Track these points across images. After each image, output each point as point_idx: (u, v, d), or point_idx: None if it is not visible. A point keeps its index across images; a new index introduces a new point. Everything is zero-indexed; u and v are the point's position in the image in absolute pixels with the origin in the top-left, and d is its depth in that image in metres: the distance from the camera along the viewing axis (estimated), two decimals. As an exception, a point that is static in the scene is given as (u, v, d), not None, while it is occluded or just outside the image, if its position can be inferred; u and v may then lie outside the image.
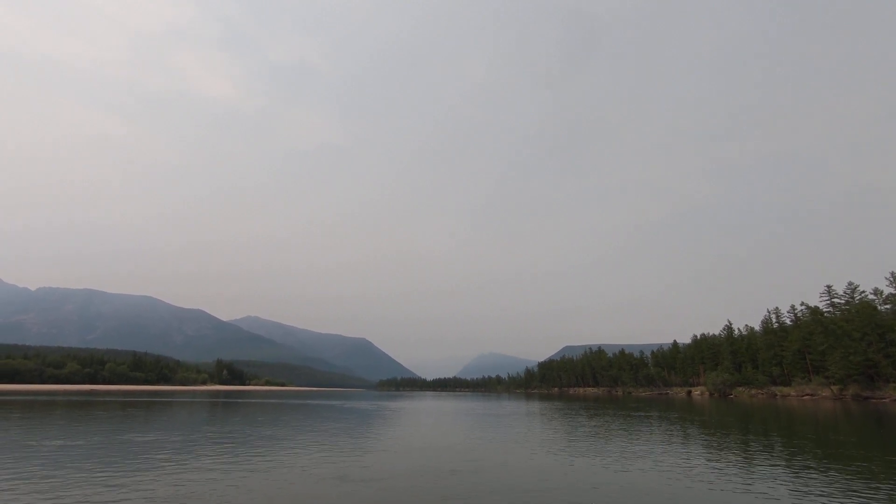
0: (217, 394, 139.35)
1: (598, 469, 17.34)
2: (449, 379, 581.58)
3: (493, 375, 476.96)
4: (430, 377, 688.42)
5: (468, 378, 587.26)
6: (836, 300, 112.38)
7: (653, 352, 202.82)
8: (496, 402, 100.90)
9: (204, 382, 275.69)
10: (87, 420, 37.03)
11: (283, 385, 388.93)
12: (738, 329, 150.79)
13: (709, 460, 19.41)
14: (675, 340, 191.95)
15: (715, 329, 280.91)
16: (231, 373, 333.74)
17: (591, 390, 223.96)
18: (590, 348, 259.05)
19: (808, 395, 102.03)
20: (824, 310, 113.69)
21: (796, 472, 16.68)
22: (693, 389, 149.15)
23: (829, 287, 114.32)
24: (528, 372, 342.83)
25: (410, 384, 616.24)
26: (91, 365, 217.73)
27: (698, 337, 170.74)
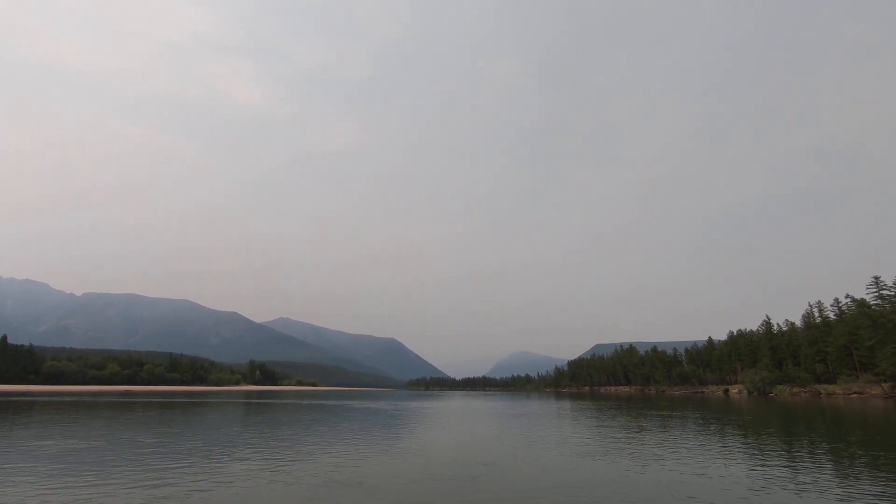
0: (249, 394, 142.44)
1: (630, 472, 16.62)
2: (478, 378, 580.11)
3: (523, 374, 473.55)
4: (459, 377, 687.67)
5: (497, 377, 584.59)
6: (884, 292, 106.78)
7: (687, 349, 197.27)
8: (525, 401, 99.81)
9: (237, 383, 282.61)
10: (111, 421, 38.15)
11: (313, 385, 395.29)
12: (778, 324, 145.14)
13: (750, 465, 18.40)
14: (709, 337, 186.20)
15: (751, 325, 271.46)
16: (264, 373, 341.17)
17: (622, 389, 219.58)
18: (620, 346, 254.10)
19: (855, 393, 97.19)
20: (872, 302, 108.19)
21: (844, 478, 15.59)
22: (730, 388, 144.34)
23: (876, 278, 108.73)
24: (558, 370, 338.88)
25: (440, 384, 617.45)
26: (130, 366, 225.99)
27: (734, 333, 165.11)
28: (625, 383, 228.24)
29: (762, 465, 18.10)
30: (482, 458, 19.76)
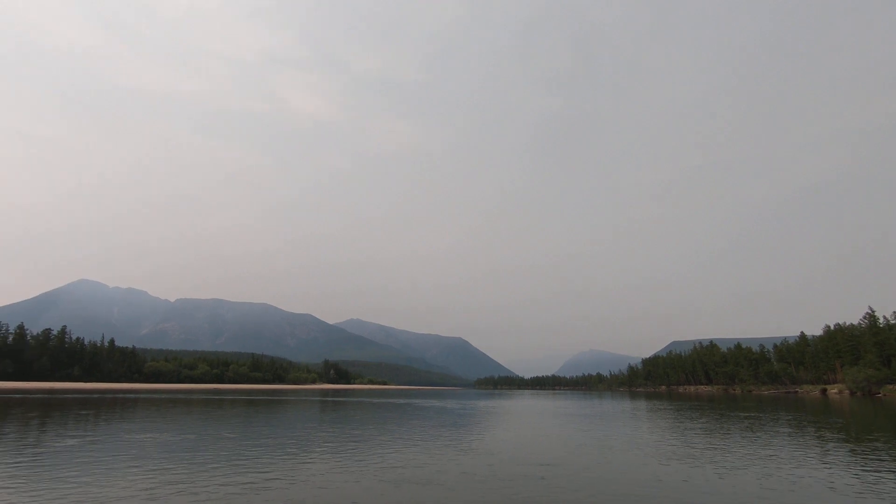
0: (324, 392, 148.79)
1: (710, 477, 15.53)
2: (547, 377, 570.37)
3: (594, 373, 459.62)
4: (527, 375, 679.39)
5: (567, 376, 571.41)
6: None
7: (776, 345, 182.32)
8: (596, 400, 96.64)
9: (313, 381, 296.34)
10: (200, 417, 41.11)
11: (384, 384, 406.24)
12: (884, 317, 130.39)
13: (854, 473, 16.61)
14: (801, 332, 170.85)
15: (849, 318, 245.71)
16: (337, 372, 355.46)
17: (703, 388, 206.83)
18: (700, 343, 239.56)
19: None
20: None
21: (976, 491, 13.62)
22: (829, 388, 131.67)
23: None
24: (632, 369, 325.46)
25: (508, 382, 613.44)
26: (218, 366, 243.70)
27: (831, 327, 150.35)
28: (705, 382, 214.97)
29: (869, 474, 16.27)
30: (550, 459, 19.29)
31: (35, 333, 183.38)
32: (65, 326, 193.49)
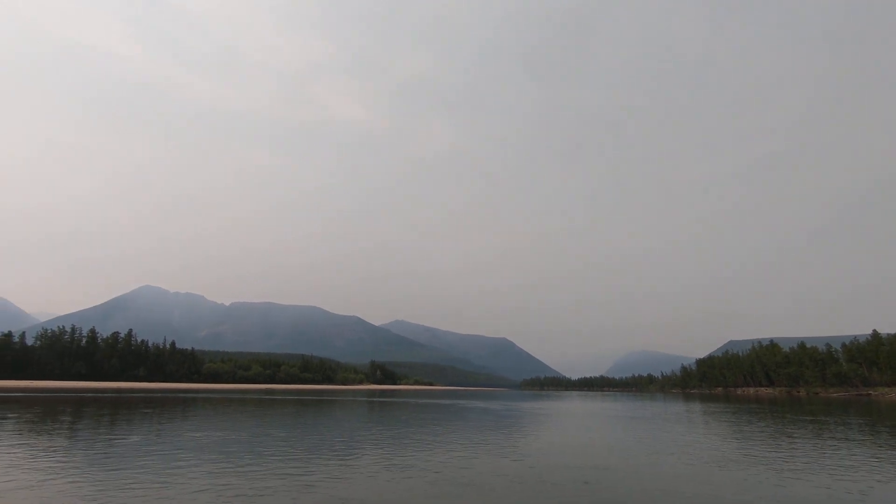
0: (372, 393, 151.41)
1: (767, 484, 14.66)
2: (595, 378, 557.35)
3: (645, 374, 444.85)
4: (574, 376, 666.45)
5: (616, 377, 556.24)
6: None
7: (844, 345, 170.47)
8: (647, 402, 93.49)
9: (361, 382, 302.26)
10: (253, 417, 42.67)
11: (430, 385, 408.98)
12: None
13: (934, 483, 15.23)
14: (874, 330, 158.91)
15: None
16: (384, 373, 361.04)
17: (763, 391, 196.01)
18: (759, 342, 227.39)
19: None
20: None
21: None
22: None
23: None
24: (685, 370, 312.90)
25: (554, 383, 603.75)
26: (270, 367, 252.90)
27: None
28: (766, 384, 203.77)
29: (952, 485, 14.87)
30: (596, 463, 18.79)
31: (105, 337, 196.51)
32: (131, 330, 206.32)
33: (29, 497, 12.00)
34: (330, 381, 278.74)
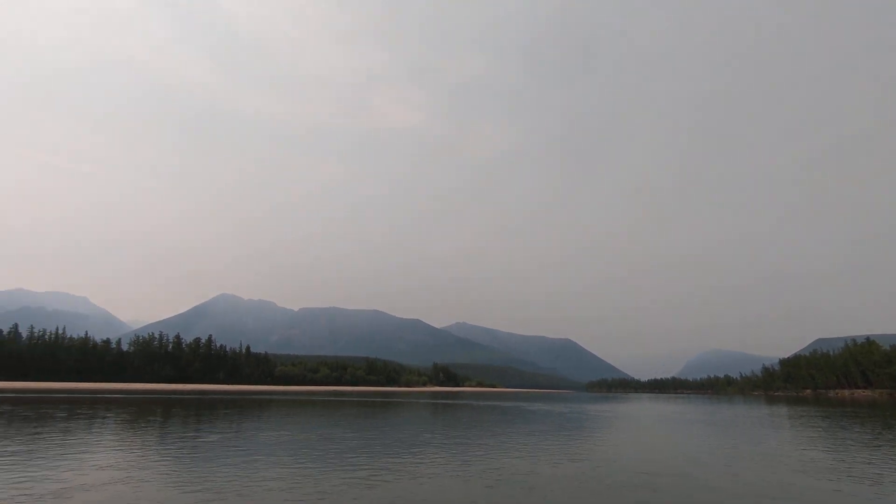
0: (435, 394, 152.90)
1: (862, 498, 13.30)
2: (666, 380, 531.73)
3: (721, 375, 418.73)
4: (643, 377, 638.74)
5: (689, 378, 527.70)
6: None
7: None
8: (725, 406, 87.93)
9: (424, 384, 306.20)
10: (320, 418, 44.24)
11: (493, 386, 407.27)
12: None
13: None
14: None
15: None
16: (446, 375, 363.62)
17: (861, 393, 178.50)
18: (852, 340, 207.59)
19: None
20: None
21: None
22: None
23: None
24: (767, 370, 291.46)
25: (622, 385, 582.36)
26: (337, 370, 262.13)
27: None
28: (863, 385, 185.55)
29: None
30: (666, 470, 17.88)
31: (188, 342, 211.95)
32: (210, 336, 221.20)
33: (120, 489, 13.14)
34: (394, 382, 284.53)
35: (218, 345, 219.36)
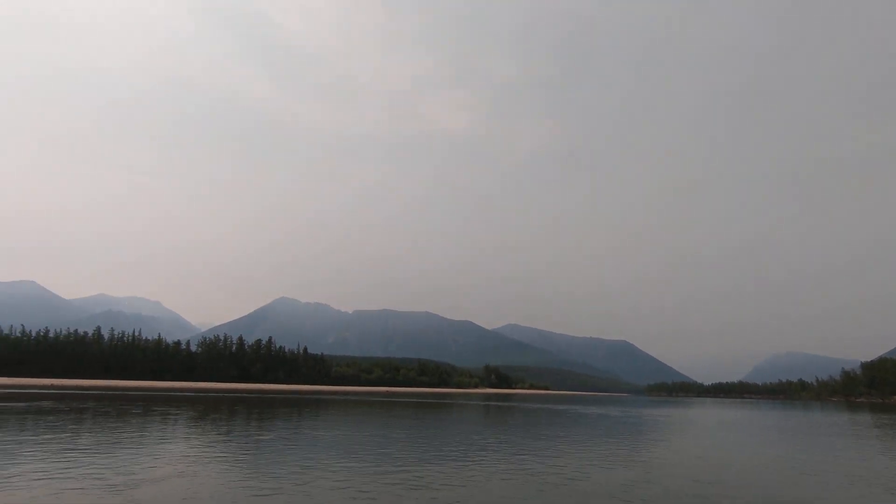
0: (487, 396, 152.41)
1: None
2: (732, 384, 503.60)
3: (795, 379, 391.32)
4: (707, 381, 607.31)
5: (758, 382, 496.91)
6: None
7: None
8: (800, 412, 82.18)
9: (475, 386, 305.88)
10: (373, 417, 45.10)
11: (545, 389, 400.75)
12: None
13: None
14: None
15: None
16: (498, 377, 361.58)
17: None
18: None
19: None
20: None
21: None
22: None
23: None
24: (848, 375, 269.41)
25: (684, 389, 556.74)
26: (390, 371, 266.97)
27: None
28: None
29: None
30: (722, 477, 16.96)
31: (250, 344, 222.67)
32: (270, 338, 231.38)
33: (186, 482, 14.02)
34: (445, 384, 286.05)
35: (277, 346, 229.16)
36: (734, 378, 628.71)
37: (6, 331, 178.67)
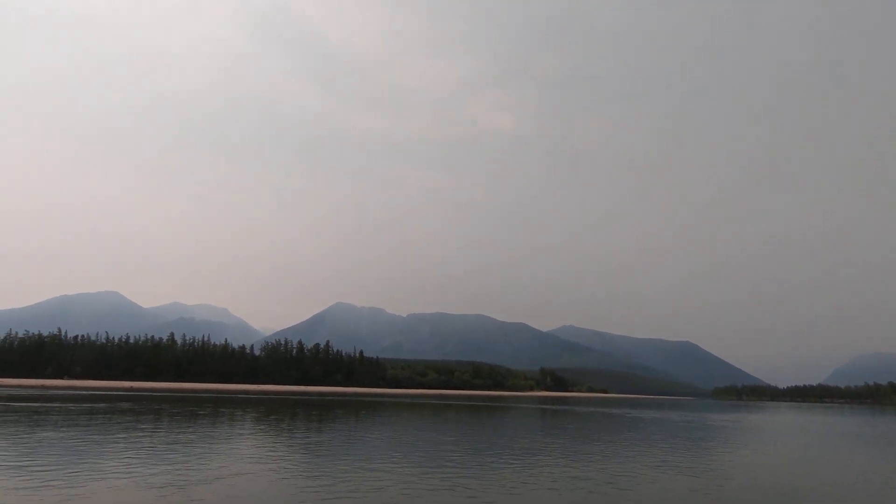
0: (542, 399, 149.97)
1: None
2: (811, 387, 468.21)
3: (883, 382, 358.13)
4: (782, 384, 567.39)
5: (840, 385, 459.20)
6: None
7: None
8: (891, 418, 75.26)
9: (531, 388, 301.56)
10: (425, 419, 45.44)
11: (604, 392, 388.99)
12: None
13: None
14: None
15: None
16: (554, 379, 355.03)
17: None
18: None
19: None
20: None
21: None
22: None
23: None
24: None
25: (756, 392, 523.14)
26: (444, 374, 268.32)
27: None
28: None
29: None
30: (792, 489, 15.81)
31: (309, 347, 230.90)
32: (328, 341, 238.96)
33: (246, 481, 14.80)
34: (500, 386, 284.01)
35: (335, 350, 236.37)
36: (813, 381, 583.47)
37: (93, 338, 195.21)
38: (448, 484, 15.28)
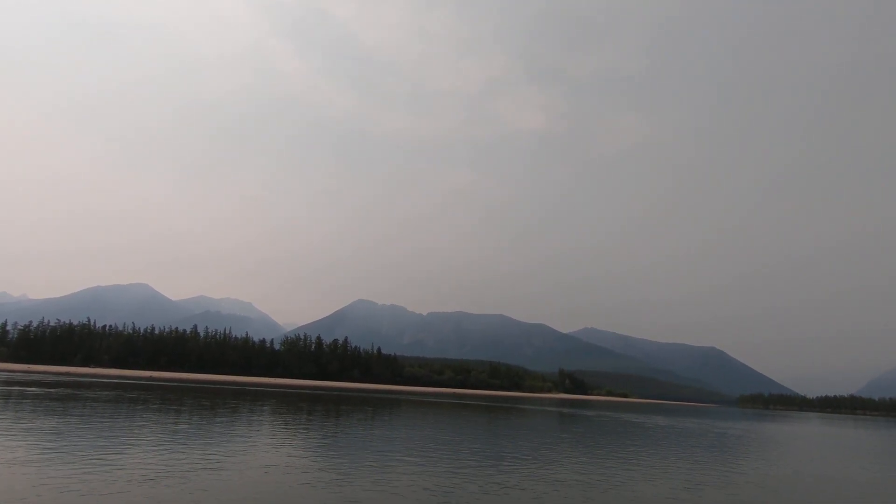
0: (560, 402, 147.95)
1: None
2: (842, 398, 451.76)
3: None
4: (812, 393, 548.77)
5: (874, 397, 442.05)
6: None
7: None
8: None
9: (549, 390, 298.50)
10: (434, 417, 44.83)
11: (624, 396, 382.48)
12: None
13: None
14: None
15: None
16: (573, 382, 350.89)
17: None
18: None
19: None
20: None
21: None
22: None
23: None
24: None
25: (784, 402, 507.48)
26: (461, 373, 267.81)
27: None
28: None
29: None
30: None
31: (328, 343, 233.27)
32: (346, 338, 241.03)
33: (260, 473, 14.44)
34: (517, 387, 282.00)
35: (353, 346, 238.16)
36: (844, 391, 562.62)
37: (120, 328, 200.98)
38: (457, 486, 14.62)
